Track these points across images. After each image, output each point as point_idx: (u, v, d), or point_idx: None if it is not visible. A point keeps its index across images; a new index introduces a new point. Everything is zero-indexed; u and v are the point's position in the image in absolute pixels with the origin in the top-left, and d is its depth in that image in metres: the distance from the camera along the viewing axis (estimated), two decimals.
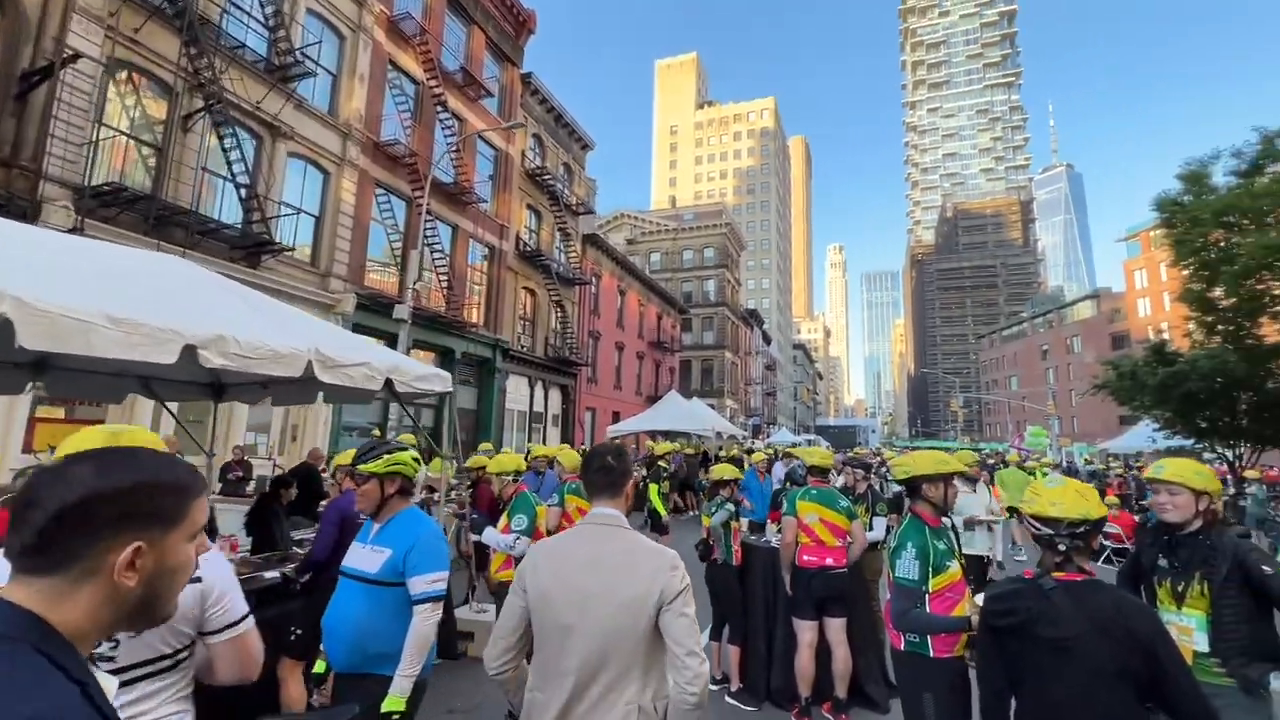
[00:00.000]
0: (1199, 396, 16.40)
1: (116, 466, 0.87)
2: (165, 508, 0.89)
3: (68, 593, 0.81)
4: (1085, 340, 73.31)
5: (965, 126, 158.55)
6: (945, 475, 2.67)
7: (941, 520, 2.69)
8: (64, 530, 0.81)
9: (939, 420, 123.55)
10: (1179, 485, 2.48)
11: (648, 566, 1.78)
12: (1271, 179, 12.59)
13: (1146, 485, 2.76)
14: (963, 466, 2.93)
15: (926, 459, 2.73)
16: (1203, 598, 2.37)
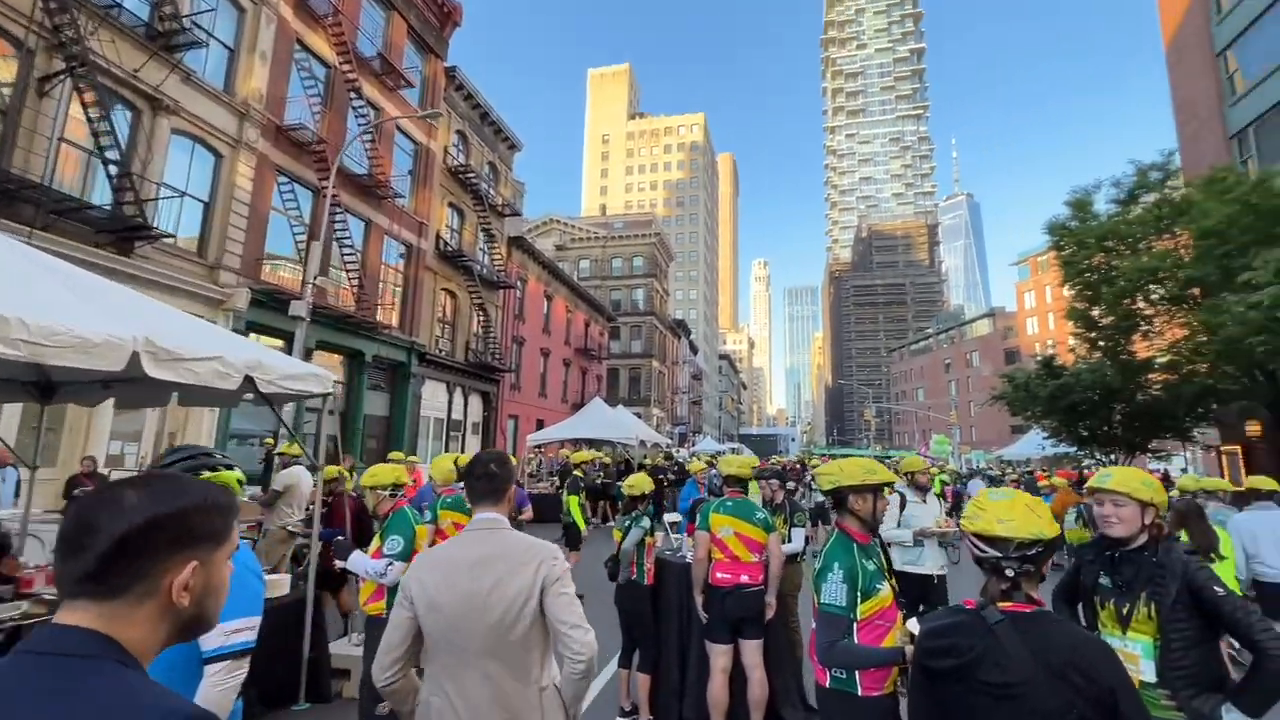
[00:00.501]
0: (1081, 407, 17.84)
1: (168, 491, 0.92)
2: (215, 528, 0.96)
3: (129, 614, 0.85)
4: (983, 355, 79.09)
5: (879, 153, 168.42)
6: (874, 486, 2.40)
7: (871, 536, 2.43)
8: (127, 555, 0.85)
9: (854, 429, 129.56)
10: (1125, 496, 2.28)
11: (532, 559, 1.90)
12: (1144, 209, 13.88)
13: (1091, 496, 2.55)
14: (892, 476, 2.62)
15: (854, 467, 2.44)
16: (1150, 621, 2.17)
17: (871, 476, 2.41)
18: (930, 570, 5.07)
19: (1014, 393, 20.03)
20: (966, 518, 1.74)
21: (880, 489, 2.42)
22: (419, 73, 20.78)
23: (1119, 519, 2.29)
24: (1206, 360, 12.12)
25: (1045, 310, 69.11)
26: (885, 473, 2.45)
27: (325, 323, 15.83)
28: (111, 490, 0.89)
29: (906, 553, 5.05)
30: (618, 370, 48.71)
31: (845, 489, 2.42)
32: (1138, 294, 14.40)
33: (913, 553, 5.06)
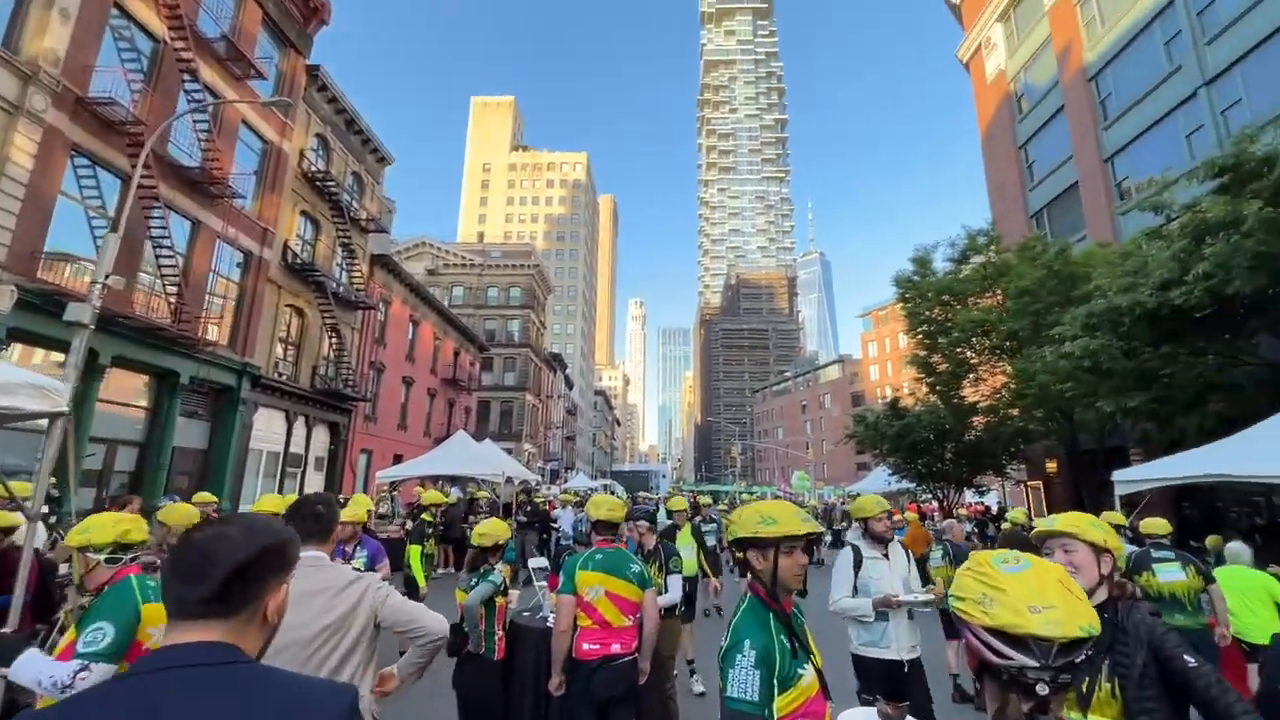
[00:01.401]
0: (919, 445, 19.58)
1: (262, 527, 1.12)
2: (294, 558, 1.16)
3: (244, 630, 1.03)
4: (833, 398, 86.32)
5: (747, 209, 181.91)
6: (771, 540, 1.82)
7: (794, 604, 1.91)
8: (244, 580, 1.03)
9: (721, 466, 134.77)
10: (1073, 538, 2.00)
11: (354, 591, 2.02)
12: (973, 268, 15.76)
13: (1039, 544, 2.19)
14: (803, 526, 1.83)
15: (748, 514, 1.90)
16: (1113, 700, 1.78)
17: (767, 528, 1.82)
18: (900, 654, 3.70)
19: (865, 432, 21.62)
20: (971, 601, 1.18)
21: (780, 544, 1.82)
22: (275, 66, 18.76)
23: (1074, 567, 1.97)
24: (1023, 405, 13.75)
25: (885, 358, 77.32)
26: (791, 520, 1.83)
27: (127, 335, 13.23)
28: (221, 527, 1.07)
29: (867, 630, 3.79)
30: (489, 403, 46.59)
31: (743, 542, 1.90)
32: (967, 344, 16.19)
33: (874, 630, 3.76)
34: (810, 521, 1.85)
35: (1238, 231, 6.94)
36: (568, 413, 69.90)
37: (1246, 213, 6.73)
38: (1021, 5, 23.54)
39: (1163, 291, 8.31)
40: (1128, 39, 17.93)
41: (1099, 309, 9.05)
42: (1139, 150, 17.58)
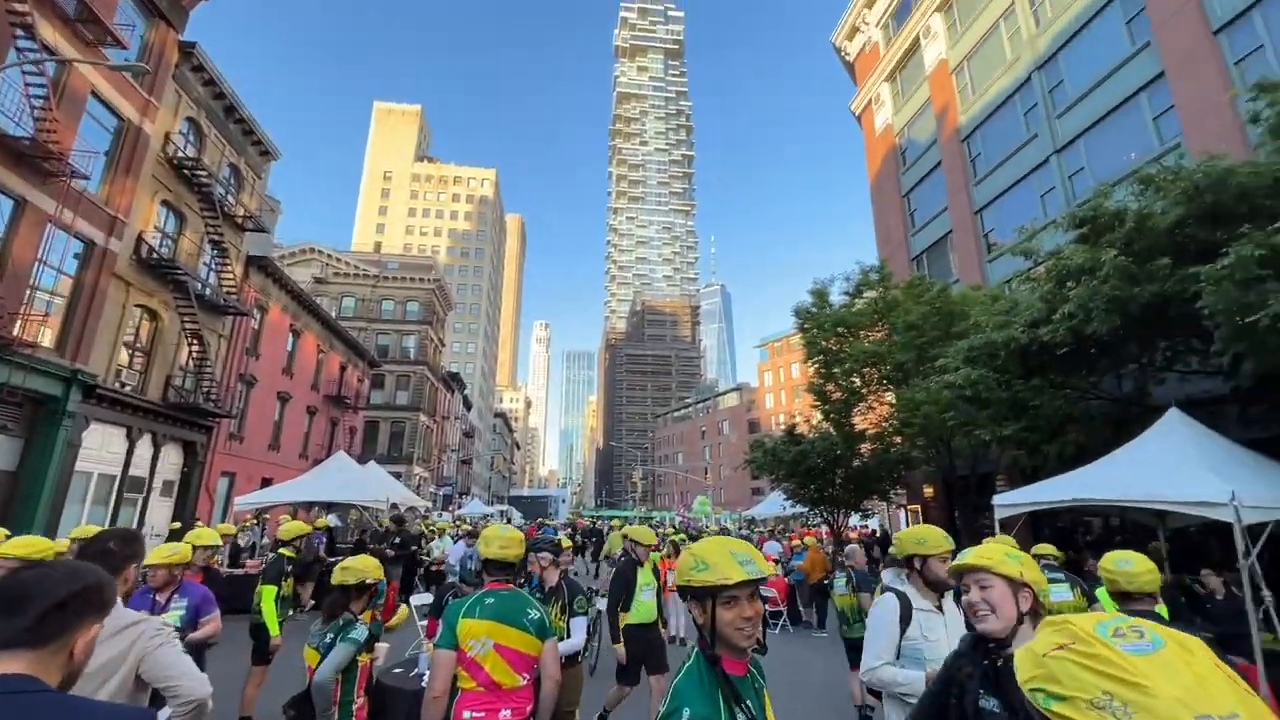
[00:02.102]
0: (813, 471, 20.32)
1: (86, 568, 1.22)
2: (110, 599, 1.24)
3: (48, 664, 1.09)
4: (732, 424, 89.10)
5: (654, 238, 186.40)
6: (709, 589, 1.47)
7: (749, 666, 1.53)
8: (61, 616, 1.11)
9: (621, 490, 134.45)
10: (987, 572, 1.80)
11: (124, 638, 1.95)
12: (866, 302, 16.73)
13: (957, 583, 1.93)
14: (747, 575, 1.47)
15: (686, 557, 1.54)
16: None
17: (699, 575, 1.47)
18: None
19: (763, 457, 22.18)
20: (1085, 706, 0.71)
21: (715, 594, 1.46)
22: (140, 36, 16.66)
23: (989, 605, 1.77)
24: (908, 433, 14.60)
25: (779, 387, 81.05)
26: (724, 564, 1.46)
27: None
28: (44, 567, 1.17)
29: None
30: (378, 423, 43.50)
31: (683, 591, 1.54)
32: (859, 374, 17.08)
33: None
34: (750, 566, 1.48)
35: (1095, 277, 7.68)
36: (465, 435, 66.90)
37: (1104, 259, 7.46)
38: (906, 68, 25.93)
39: (1033, 329, 9.05)
40: (994, 107, 20.14)
41: (979, 343, 9.74)
42: (1003, 205, 19.64)
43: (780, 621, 10.57)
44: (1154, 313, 7.65)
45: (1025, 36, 18.92)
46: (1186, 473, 6.45)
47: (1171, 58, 14.08)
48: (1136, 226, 7.68)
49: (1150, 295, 7.39)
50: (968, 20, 21.75)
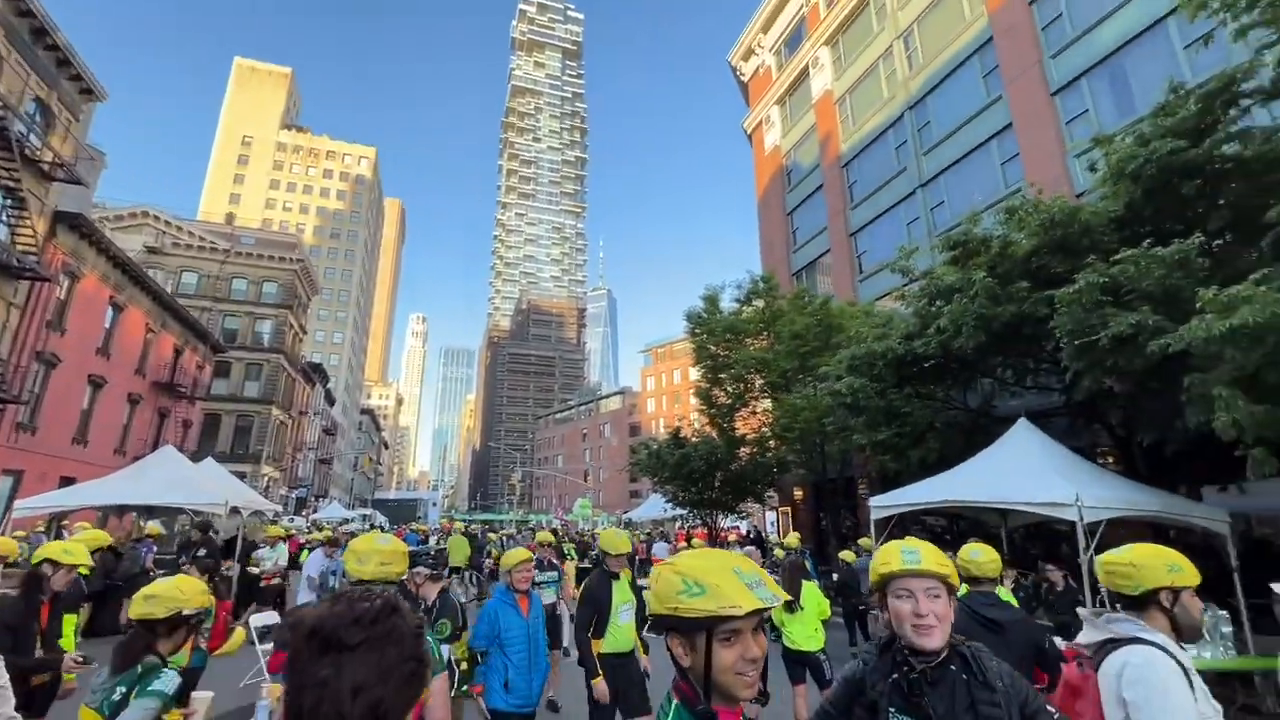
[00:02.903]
0: (695, 474, 20.73)
1: None
2: None
3: None
4: (613, 427, 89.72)
5: (543, 236, 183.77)
6: (699, 621, 1.08)
7: (743, 711, 1.15)
8: None
9: (497, 493, 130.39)
10: (941, 580, 1.54)
11: None
12: (755, 310, 17.33)
13: (866, 594, 1.57)
14: (760, 603, 1.12)
15: (663, 583, 1.15)
16: None
17: (692, 601, 1.08)
18: None
19: (647, 460, 22.29)
20: None
21: (713, 627, 1.07)
22: None
23: (938, 618, 1.52)
24: (788, 438, 15.25)
25: (662, 393, 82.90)
26: (730, 588, 1.09)
27: None
28: None
29: None
30: (219, 416, 38.48)
31: (662, 622, 1.17)
32: (744, 380, 17.64)
33: None
34: (761, 590, 1.12)
35: (966, 295, 8.35)
36: (325, 432, 61.27)
37: (975, 279, 8.13)
38: (795, 94, 27.47)
39: (908, 341, 9.69)
40: (871, 139, 21.84)
41: (861, 353, 10.30)
42: (874, 230, 21.32)
43: None
44: (1011, 331, 8.45)
45: (900, 78, 20.70)
46: (1038, 477, 7.12)
47: (1018, 112, 16.01)
48: (1000, 252, 8.45)
49: (1010, 315, 8.13)
50: (852, 56, 23.44)
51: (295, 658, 0.81)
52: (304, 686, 0.80)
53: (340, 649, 0.80)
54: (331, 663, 0.80)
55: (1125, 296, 6.74)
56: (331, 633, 0.81)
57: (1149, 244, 6.52)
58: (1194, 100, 7.43)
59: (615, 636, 4.48)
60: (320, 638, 0.81)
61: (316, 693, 0.79)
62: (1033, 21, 15.99)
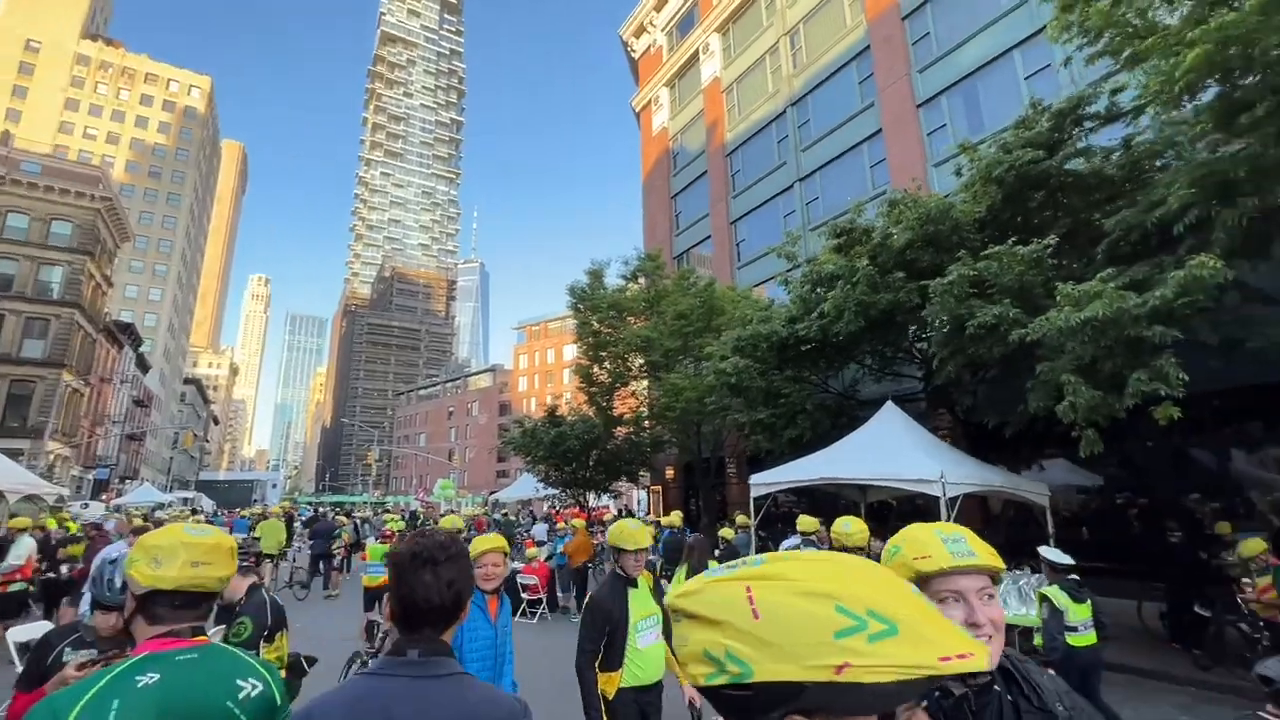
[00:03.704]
0: (570, 453, 20.35)
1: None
2: None
3: None
4: (482, 406, 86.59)
5: (412, 201, 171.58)
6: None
7: None
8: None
9: (349, 474, 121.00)
10: (991, 576, 1.20)
11: None
12: (637, 290, 17.14)
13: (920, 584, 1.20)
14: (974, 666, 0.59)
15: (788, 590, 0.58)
16: None
17: (867, 651, 0.55)
18: None
19: (522, 438, 21.51)
20: None
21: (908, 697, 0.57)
22: None
23: (996, 627, 1.18)
24: (670, 417, 15.29)
25: (535, 371, 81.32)
26: (944, 629, 0.59)
27: None
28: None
29: None
30: None
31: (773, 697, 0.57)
32: (625, 359, 17.45)
33: None
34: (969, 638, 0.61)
35: (850, 282, 8.68)
36: (136, 404, 52.61)
37: (859, 267, 8.45)
38: (685, 78, 27.58)
39: (791, 325, 9.95)
40: (754, 131, 22.48)
41: (747, 334, 10.44)
42: (753, 220, 22.05)
43: (540, 610, 9.99)
44: (886, 319, 8.93)
45: (785, 74, 21.45)
46: (906, 456, 7.58)
47: (888, 119, 17.19)
48: (880, 243, 8.86)
49: (886, 303, 8.58)
50: (741, 47, 23.90)
51: (403, 571, 1.38)
52: (414, 586, 1.36)
53: (435, 563, 1.38)
54: (430, 571, 1.37)
55: (988, 290, 7.29)
56: (428, 554, 1.39)
57: (1013, 243, 7.08)
58: (1047, 118, 8.22)
59: (637, 663, 3.29)
60: (421, 559, 1.38)
61: (424, 588, 1.36)
62: (905, 36, 17.19)
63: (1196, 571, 8.00)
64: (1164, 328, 5.48)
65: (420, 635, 1.34)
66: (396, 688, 1.24)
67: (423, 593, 1.34)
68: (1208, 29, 4.96)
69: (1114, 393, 5.98)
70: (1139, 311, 5.45)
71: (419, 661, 1.29)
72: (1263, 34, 4.80)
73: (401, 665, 1.29)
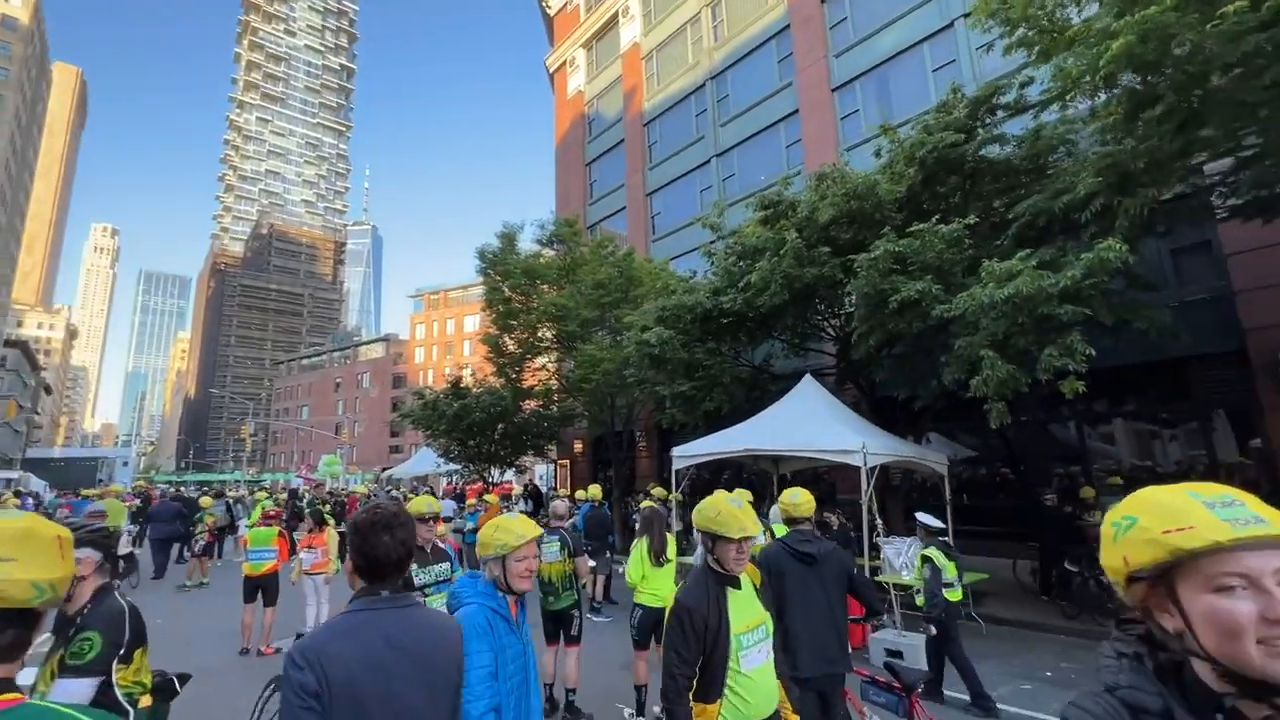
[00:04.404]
0: (475, 426, 19.43)
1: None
2: None
3: None
4: (374, 377, 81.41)
5: (294, 152, 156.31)
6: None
7: None
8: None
9: (219, 449, 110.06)
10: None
11: None
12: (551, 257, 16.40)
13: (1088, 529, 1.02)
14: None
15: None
16: None
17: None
18: None
19: (422, 411, 20.22)
20: None
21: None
22: None
23: None
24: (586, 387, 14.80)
25: (433, 342, 77.40)
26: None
27: None
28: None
29: None
30: None
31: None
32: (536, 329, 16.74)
33: None
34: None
35: (777, 255, 8.64)
36: None
37: (788, 240, 8.42)
38: (603, 40, 26.63)
39: (715, 296, 9.83)
40: (674, 101, 22.14)
41: (671, 304, 10.20)
42: (669, 194, 21.84)
43: None
44: (808, 292, 9.01)
45: (705, 46, 21.21)
46: (827, 428, 7.71)
47: (805, 100, 17.46)
48: (807, 217, 8.88)
49: (811, 277, 8.63)
50: (662, 13, 23.34)
51: (366, 534, 1.70)
52: (375, 546, 1.69)
53: (391, 528, 1.71)
54: (387, 534, 1.70)
55: (909, 268, 7.48)
56: (385, 521, 1.72)
57: (936, 221, 7.28)
58: (964, 104, 8.53)
59: (742, 693, 2.37)
60: (380, 525, 1.71)
61: (385, 548, 1.69)
62: (824, 19, 17.45)
63: (1066, 532, 8.85)
64: (1074, 306, 5.83)
65: (384, 582, 1.70)
66: (385, 616, 1.62)
67: (383, 551, 1.68)
68: (1130, 21, 5.17)
69: (1023, 368, 6.33)
70: (1053, 290, 5.75)
71: (392, 597, 1.68)
72: (1177, 30, 5.07)
73: (381, 601, 1.66)
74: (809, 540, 3.43)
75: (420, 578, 3.89)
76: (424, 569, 3.96)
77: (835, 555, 3.47)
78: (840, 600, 3.40)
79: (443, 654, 1.64)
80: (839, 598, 3.39)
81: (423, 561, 3.98)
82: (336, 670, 1.46)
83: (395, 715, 1.49)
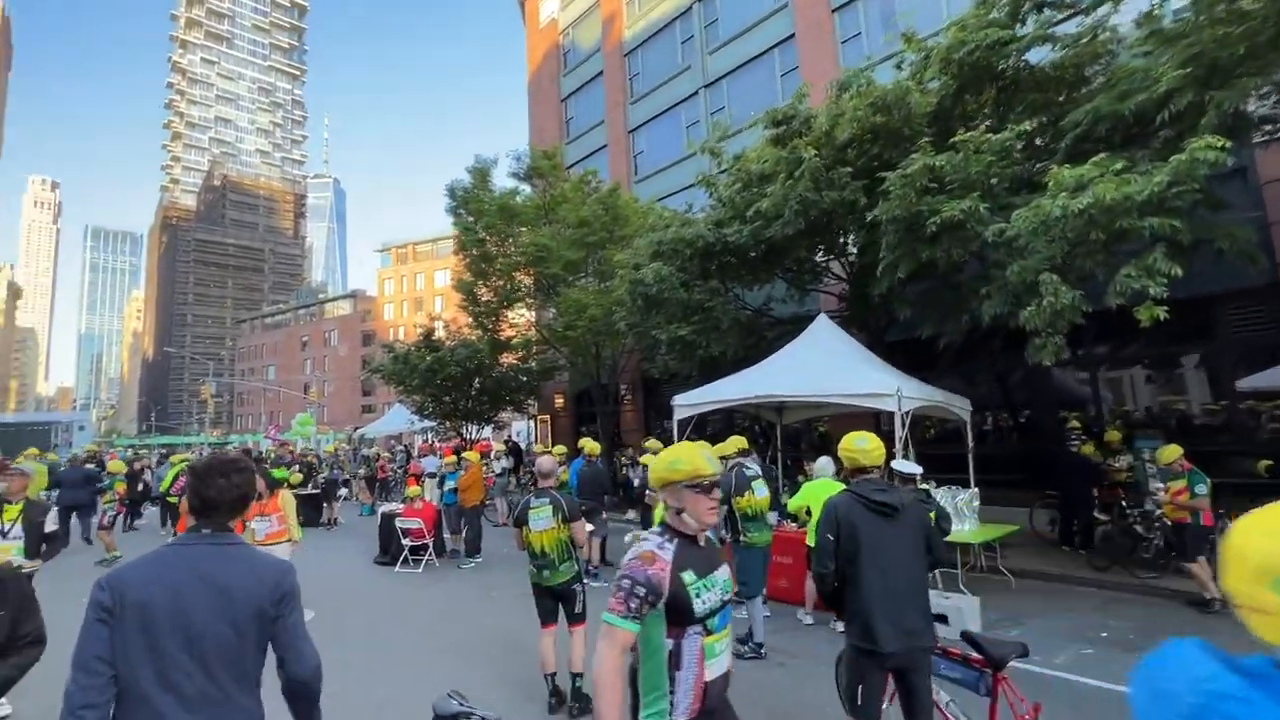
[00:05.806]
0: (450, 382, 18.35)
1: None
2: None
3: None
4: (341, 335, 78.80)
5: (244, 97, 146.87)
6: None
7: None
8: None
9: (181, 412, 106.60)
10: None
11: None
12: (528, 196, 15.02)
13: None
14: None
15: None
16: None
17: None
18: None
19: (393, 366, 19.02)
20: None
21: None
22: None
23: None
24: (571, 336, 13.71)
25: (403, 298, 74.80)
26: None
27: None
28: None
29: None
30: None
31: None
32: (513, 274, 15.50)
33: None
34: None
35: (792, 176, 7.59)
36: None
37: (805, 159, 7.36)
38: None
39: (718, 228, 8.79)
40: (657, 28, 20.38)
41: (668, 238, 9.12)
42: (653, 129, 20.34)
43: (427, 556, 8.48)
44: (825, 220, 8.02)
45: None
46: (854, 371, 6.87)
47: (802, 23, 16.05)
48: (826, 133, 7.82)
49: (830, 202, 7.62)
50: None
51: (201, 476, 1.78)
52: (209, 487, 1.76)
53: (227, 473, 1.79)
54: (223, 478, 1.77)
55: (949, 185, 6.53)
56: (221, 466, 1.80)
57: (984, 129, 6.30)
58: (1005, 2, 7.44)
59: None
60: (214, 468, 1.79)
61: (217, 489, 1.76)
62: None
63: (1093, 478, 8.30)
64: (1158, 219, 4.97)
65: (211, 521, 1.77)
66: (200, 552, 1.70)
67: (215, 493, 1.77)
68: None
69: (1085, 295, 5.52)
70: (1139, 198, 4.86)
71: (213, 535, 1.75)
72: None
73: (200, 538, 1.74)
74: (884, 489, 2.94)
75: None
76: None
77: (916, 508, 3.02)
78: (921, 560, 2.93)
79: (248, 590, 1.65)
80: (919, 557, 2.93)
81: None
82: (133, 592, 1.56)
83: (184, 632, 1.55)
